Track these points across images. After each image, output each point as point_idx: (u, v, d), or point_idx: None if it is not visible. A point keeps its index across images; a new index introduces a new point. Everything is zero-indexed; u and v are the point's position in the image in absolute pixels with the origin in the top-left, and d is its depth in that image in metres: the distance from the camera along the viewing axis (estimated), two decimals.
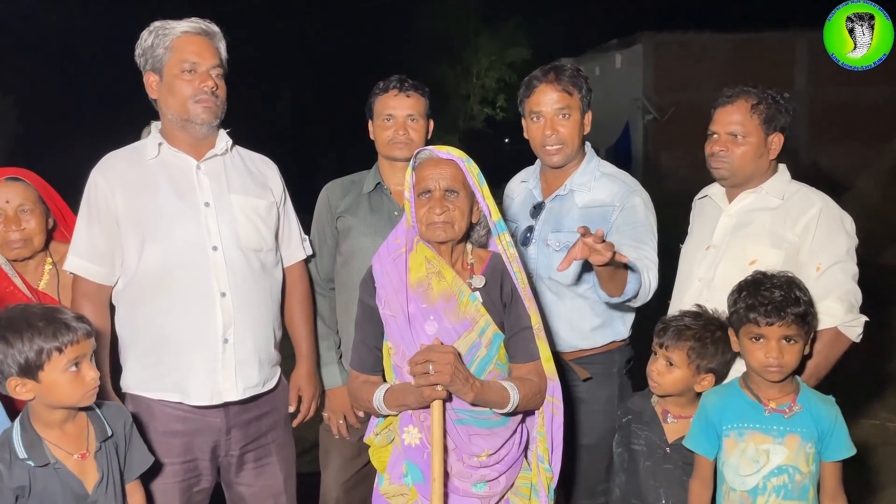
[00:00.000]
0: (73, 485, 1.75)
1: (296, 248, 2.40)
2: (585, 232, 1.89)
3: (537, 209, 2.44)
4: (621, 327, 2.42)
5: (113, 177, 2.11)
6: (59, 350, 1.69)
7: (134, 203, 2.09)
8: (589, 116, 2.40)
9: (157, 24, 2.15)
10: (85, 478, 1.77)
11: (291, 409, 2.36)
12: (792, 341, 1.94)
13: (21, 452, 1.70)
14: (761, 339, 1.95)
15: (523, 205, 2.50)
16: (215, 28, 2.19)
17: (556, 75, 2.32)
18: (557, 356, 2.15)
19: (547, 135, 2.33)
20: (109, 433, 1.83)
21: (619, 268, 2.03)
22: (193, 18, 2.17)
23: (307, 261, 2.46)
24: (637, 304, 2.23)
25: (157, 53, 2.12)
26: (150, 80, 2.16)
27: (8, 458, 1.69)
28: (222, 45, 2.21)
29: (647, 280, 2.16)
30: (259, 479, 2.24)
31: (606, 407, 2.36)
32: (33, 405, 1.75)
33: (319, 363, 2.48)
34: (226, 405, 2.13)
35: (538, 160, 2.50)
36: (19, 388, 1.70)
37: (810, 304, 1.98)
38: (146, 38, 2.14)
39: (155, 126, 2.21)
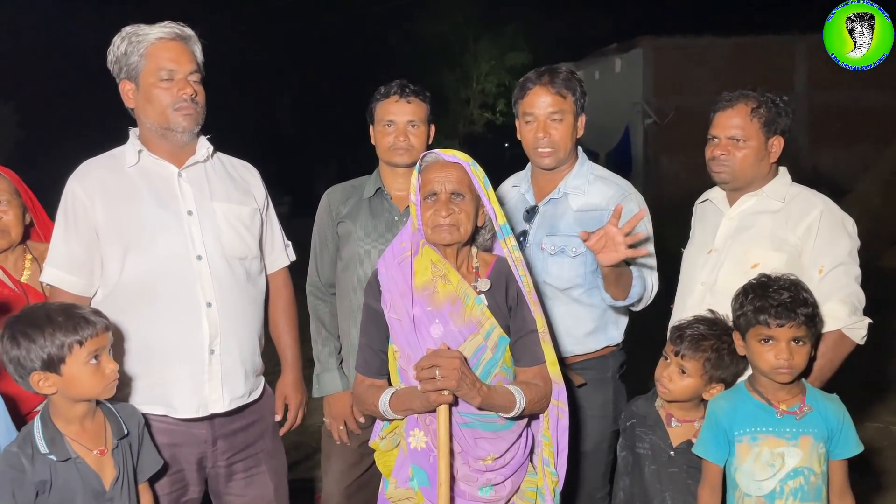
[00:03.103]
0: (92, 480, 1.78)
1: (279, 254, 2.37)
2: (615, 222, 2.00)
3: (530, 213, 2.44)
4: (615, 332, 2.41)
5: (91, 185, 2.06)
6: (80, 343, 1.73)
7: (115, 212, 2.04)
8: (583, 120, 2.40)
9: (128, 29, 2.09)
10: (103, 474, 1.80)
11: (278, 417, 2.33)
12: (801, 342, 1.94)
13: (43, 447, 1.73)
14: (771, 341, 1.94)
15: (515, 209, 2.50)
16: (190, 31, 2.13)
17: (550, 78, 2.32)
18: (562, 360, 2.15)
19: (539, 137, 2.33)
20: (126, 431, 1.86)
21: (624, 270, 2.03)
22: (167, 22, 2.11)
23: (292, 267, 2.44)
24: (640, 307, 2.24)
25: (131, 61, 2.06)
26: (126, 89, 2.10)
27: (30, 453, 1.73)
28: (198, 49, 2.14)
29: (650, 283, 2.17)
30: (249, 489, 2.22)
31: (601, 412, 2.36)
32: (54, 400, 1.78)
33: (307, 371, 2.45)
34: (211, 416, 2.10)
35: (529, 164, 2.51)
36: (42, 383, 1.73)
37: (816, 305, 1.97)
38: (119, 46, 2.08)
39: (133, 133, 2.16)
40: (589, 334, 2.36)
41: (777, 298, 1.92)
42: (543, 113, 2.33)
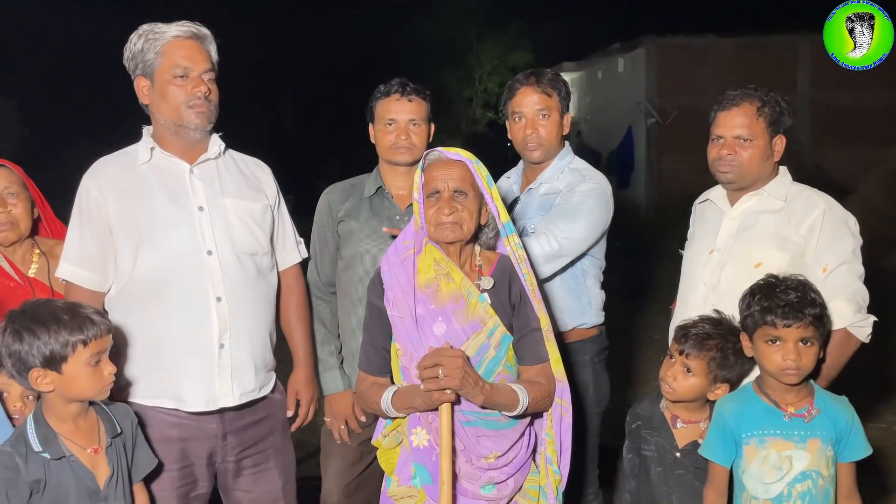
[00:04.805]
0: (87, 479, 1.78)
1: (290, 251, 2.39)
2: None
3: (513, 204, 2.55)
4: (591, 316, 2.51)
5: (104, 182, 2.09)
6: (84, 343, 1.73)
7: (127, 209, 2.07)
8: (568, 117, 2.54)
9: (145, 27, 2.12)
10: (97, 472, 1.80)
11: (290, 413, 2.35)
12: (809, 343, 1.92)
13: (36, 445, 1.73)
14: (778, 342, 1.93)
15: (503, 200, 2.60)
16: (206, 31, 2.16)
17: (536, 78, 2.48)
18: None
19: (528, 134, 2.47)
20: (119, 430, 1.86)
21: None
22: (184, 21, 2.14)
23: (304, 264, 2.45)
24: (550, 266, 2.31)
25: (147, 58, 2.09)
26: (141, 85, 2.13)
27: (24, 452, 1.72)
28: (213, 48, 2.17)
29: (537, 247, 2.25)
30: (257, 485, 2.23)
31: (581, 394, 2.45)
32: (49, 398, 1.78)
33: (318, 367, 2.47)
34: (221, 411, 2.12)
35: (521, 159, 2.62)
36: (41, 380, 1.73)
37: (824, 306, 1.96)
38: (135, 43, 2.11)
39: (146, 130, 2.18)
40: (563, 310, 2.44)
41: (784, 299, 1.91)
42: (531, 111, 2.47)
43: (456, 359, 1.78)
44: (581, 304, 2.50)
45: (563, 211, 2.38)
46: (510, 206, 2.53)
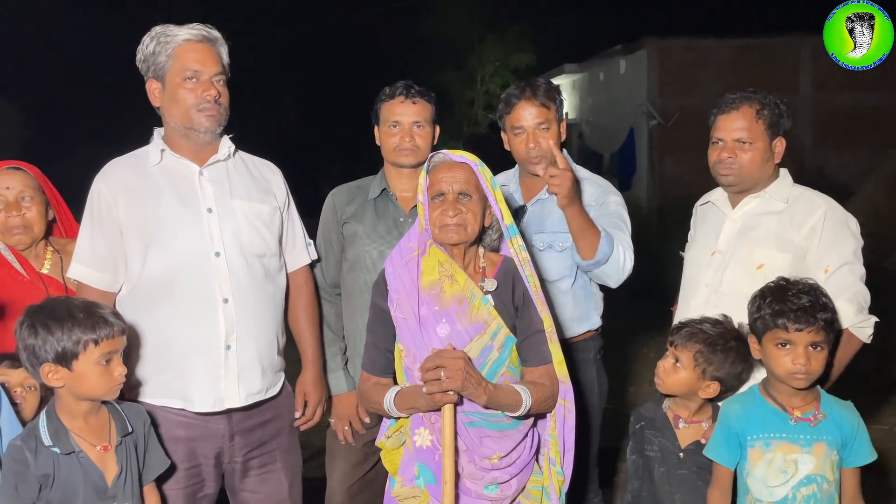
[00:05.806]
0: (95, 476, 1.80)
1: (300, 252, 2.39)
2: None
3: (518, 212, 2.55)
4: (596, 318, 2.60)
5: (115, 184, 2.11)
6: (96, 342, 1.76)
7: (136, 210, 2.09)
8: (564, 125, 2.56)
9: (157, 29, 2.13)
10: (105, 470, 1.82)
11: (298, 414, 2.36)
12: (819, 348, 1.91)
13: (47, 440, 1.76)
14: (788, 346, 1.91)
15: None
16: (217, 34, 2.18)
17: (532, 91, 2.47)
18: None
19: (530, 147, 2.47)
20: (130, 429, 1.88)
21: (588, 226, 2.26)
22: (195, 24, 2.15)
23: (312, 266, 2.46)
24: (611, 280, 2.38)
25: (158, 61, 2.11)
26: (153, 88, 2.15)
27: (34, 446, 1.75)
28: (224, 51, 2.19)
29: (621, 252, 2.31)
30: (263, 485, 2.24)
31: (587, 389, 2.52)
32: (60, 394, 1.80)
33: (326, 369, 2.48)
34: (229, 412, 2.13)
35: (517, 164, 2.64)
36: (52, 375, 1.76)
37: (835, 311, 1.96)
38: (147, 45, 2.13)
39: (157, 132, 2.20)
40: (574, 320, 2.51)
41: (796, 303, 1.90)
42: (531, 124, 2.46)
43: (458, 360, 1.79)
44: (588, 309, 2.55)
45: (614, 224, 2.43)
46: (516, 215, 2.54)
